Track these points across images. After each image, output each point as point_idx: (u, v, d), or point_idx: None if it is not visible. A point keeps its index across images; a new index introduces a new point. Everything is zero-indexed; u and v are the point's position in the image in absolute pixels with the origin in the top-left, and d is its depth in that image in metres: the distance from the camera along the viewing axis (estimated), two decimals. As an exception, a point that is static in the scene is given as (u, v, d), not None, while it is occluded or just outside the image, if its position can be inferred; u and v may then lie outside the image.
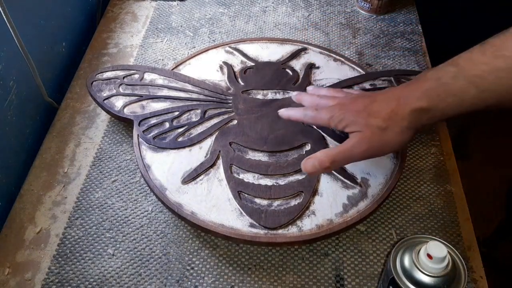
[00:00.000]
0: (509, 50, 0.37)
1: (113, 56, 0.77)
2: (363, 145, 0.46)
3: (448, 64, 0.42)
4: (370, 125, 0.45)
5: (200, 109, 0.63)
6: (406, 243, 0.42)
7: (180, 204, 0.53)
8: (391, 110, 0.45)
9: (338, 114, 0.48)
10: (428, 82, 0.43)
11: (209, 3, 0.87)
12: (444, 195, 0.59)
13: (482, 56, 0.39)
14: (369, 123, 0.45)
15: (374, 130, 0.45)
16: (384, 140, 0.45)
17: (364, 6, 0.84)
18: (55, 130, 0.67)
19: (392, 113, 0.45)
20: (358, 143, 0.46)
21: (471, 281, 0.52)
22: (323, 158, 0.47)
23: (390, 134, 0.45)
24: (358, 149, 0.46)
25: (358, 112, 0.46)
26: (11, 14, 0.58)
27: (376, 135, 0.45)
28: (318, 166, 0.47)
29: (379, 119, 0.45)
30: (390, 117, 0.44)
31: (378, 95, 0.48)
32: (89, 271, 0.52)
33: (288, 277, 0.52)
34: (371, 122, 0.45)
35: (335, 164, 0.47)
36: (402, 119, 0.44)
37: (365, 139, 0.46)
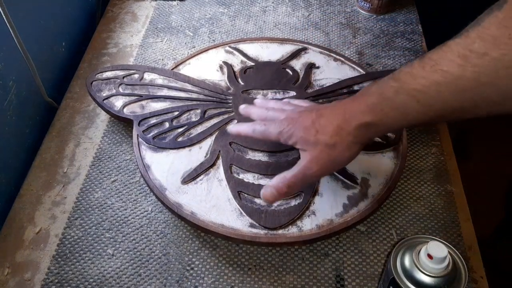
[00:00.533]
0: (446, 65, 0.38)
1: (113, 56, 0.77)
2: (314, 165, 0.46)
3: (390, 79, 0.42)
4: (318, 143, 0.46)
5: (200, 109, 0.63)
6: (406, 243, 0.42)
7: (180, 204, 0.53)
8: (337, 125, 0.45)
9: (287, 129, 0.48)
10: (371, 96, 0.44)
11: (209, 3, 0.87)
12: (445, 195, 0.59)
13: (421, 70, 0.39)
14: (317, 141, 0.46)
15: (322, 149, 0.46)
16: (333, 157, 0.46)
17: (364, 6, 0.84)
18: (55, 130, 0.67)
19: (338, 128, 0.45)
20: (309, 163, 0.46)
21: (472, 281, 0.52)
22: (279, 185, 0.48)
23: (338, 150, 0.45)
24: (310, 171, 0.47)
25: (306, 128, 0.47)
26: (11, 14, 0.58)
27: (325, 153, 0.46)
28: (276, 193, 0.48)
29: (326, 136, 0.45)
30: (336, 133, 0.45)
31: (325, 109, 0.48)
32: (89, 271, 0.52)
33: (288, 277, 0.52)
34: (319, 139, 0.46)
35: (292, 188, 0.48)
36: (348, 134, 0.45)
37: (315, 159, 0.46)
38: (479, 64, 0.35)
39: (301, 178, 0.47)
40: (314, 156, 0.46)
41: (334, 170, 0.52)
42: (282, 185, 0.48)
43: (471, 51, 0.36)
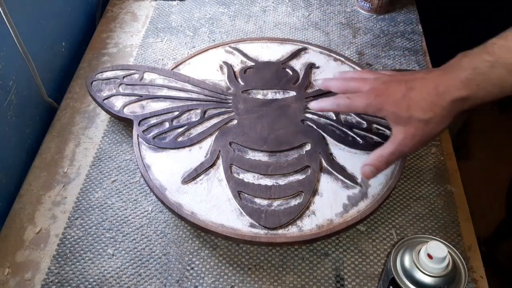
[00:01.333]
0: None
1: (112, 56, 0.77)
2: (409, 142, 0.47)
3: (482, 52, 0.42)
4: (413, 120, 0.46)
5: (200, 109, 0.63)
6: (406, 243, 0.42)
7: (180, 204, 0.53)
8: (431, 101, 0.45)
9: (375, 102, 0.48)
10: (464, 71, 0.43)
11: (209, 2, 0.87)
12: (445, 195, 0.59)
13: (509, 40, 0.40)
14: (411, 117, 0.46)
15: (417, 125, 0.46)
16: (427, 132, 0.46)
17: (364, 6, 0.84)
18: (55, 130, 0.67)
19: (432, 104, 0.45)
20: (405, 140, 0.47)
21: (472, 281, 0.52)
22: (378, 164, 0.49)
23: (431, 126, 0.46)
24: (406, 147, 0.47)
25: (397, 102, 0.47)
26: (11, 14, 0.58)
27: (420, 129, 0.46)
28: (376, 171, 0.49)
29: (420, 112, 0.45)
30: (430, 108, 0.45)
31: (414, 81, 0.47)
32: (89, 271, 0.52)
33: (288, 277, 0.52)
34: (413, 115, 0.46)
35: (389, 165, 0.49)
36: (442, 109, 0.45)
37: (410, 135, 0.47)
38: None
39: (398, 154, 0.48)
40: (409, 133, 0.46)
41: (427, 143, 0.52)
42: (380, 164, 0.49)
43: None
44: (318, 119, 0.62)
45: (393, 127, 0.48)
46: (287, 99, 0.64)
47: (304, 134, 0.60)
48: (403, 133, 0.47)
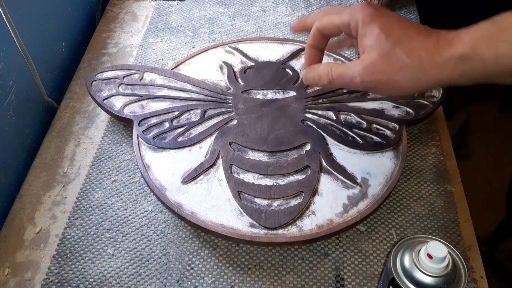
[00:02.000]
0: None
1: (112, 56, 0.77)
2: (368, 71, 0.39)
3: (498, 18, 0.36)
4: (392, 53, 0.38)
5: (200, 109, 0.63)
6: (406, 243, 0.42)
7: (180, 204, 0.53)
8: (425, 46, 0.37)
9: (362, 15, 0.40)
10: (480, 25, 0.36)
11: (209, 2, 0.87)
12: (444, 195, 0.59)
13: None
14: (392, 50, 0.38)
15: (392, 60, 0.38)
16: (397, 74, 0.38)
17: (364, 6, 0.84)
18: (55, 130, 0.67)
19: (424, 51, 0.37)
20: (365, 69, 0.39)
21: (472, 281, 0.52)
22: (323, 76, 0.43)
23: (407, 73, 0.37)
24: (361, 78, 0.39)
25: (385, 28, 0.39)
26: (11, 14, 0.58)
27: (391, 66, 0.38)
28: (318, 81, 0.44)
29: (403, 53, 0.37)
30: (420, 54, 0.37)
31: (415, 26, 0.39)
32: (89, 271, 0.52)
33: (288, 277, 0.52)
34: (396, 51, 0.38)
35: (332, 84, 0.43)
36: (433, 64, 0.37)
37: (375, 64, 0.38)
38: None
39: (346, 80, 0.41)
40: (376, 64, 0.38)
41: (385, 93, 0.42)
42: (325, 77, 0.43)
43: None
44: (318, 119, 0.62)
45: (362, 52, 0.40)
46: (287, 99, 0.64)
47: (304, 134, 0.60)
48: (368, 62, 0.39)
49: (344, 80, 0.42)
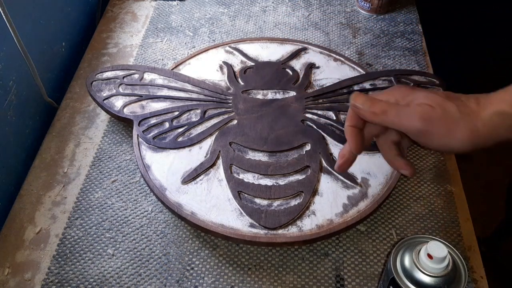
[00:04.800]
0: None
1: (112, 56, 0.77)
2: (428, 117, 0.38)
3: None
4: (444, 105, 0.38)
5: (200, 109, 0.63)
6: (406, 243, 0.42)
7: (180, 204, 0.53)
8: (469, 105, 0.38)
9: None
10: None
11: (209, 2, 0.87)
12: (444, 195, 0.59)
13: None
14: (444, 103, 0.38)
15: (447, 111, 0.38)
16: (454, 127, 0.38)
17: (364, 6, 0.84)
18: (55, 130, 0.67)
19: (469, 108, 0.38)
20: (423, 111, 0.38)
21: (472, 281, 0.52)
22: (375, 103, 0.40)
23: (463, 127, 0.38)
24: (417, 117, 0.38)
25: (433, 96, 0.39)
26: (11, 14, 0.58)
27: (447, 118, 0.38)
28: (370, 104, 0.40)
29: (455, 106, 0.38)
30: (467, 112, 0.38)
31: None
32: (89, 271, 0.52)
33: (288, 277, 0.52)
34: (447, 104, 0.38)
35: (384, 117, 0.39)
36: (480, 120, 0.37)
37: (433, 112, 0.38)
38: None
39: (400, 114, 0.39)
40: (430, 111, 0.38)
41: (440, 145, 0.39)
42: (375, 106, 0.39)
43: None
44: (318, 119, 0.62)
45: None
46: (287, 99, 0.64)
47: (304, 134, 0.60)
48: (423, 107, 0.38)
49: (402, 115, 0.39)
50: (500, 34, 1.16)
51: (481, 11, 1.15)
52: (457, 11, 1.15)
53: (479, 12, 1.15)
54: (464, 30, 1.21)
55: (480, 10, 1.15)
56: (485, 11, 1.15)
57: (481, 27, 1.19)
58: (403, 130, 0.39)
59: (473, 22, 1.18)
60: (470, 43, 1.20)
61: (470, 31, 1.21)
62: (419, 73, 0.68)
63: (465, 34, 1.21)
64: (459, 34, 1.21)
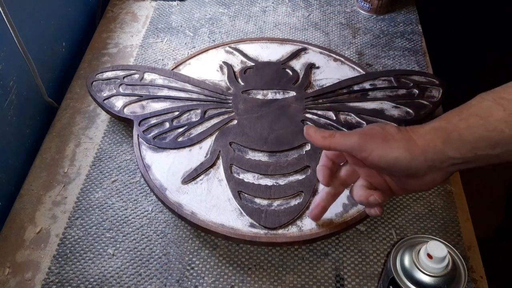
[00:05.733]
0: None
1: (113, 56, 0.77)
2: (366, 132, 0.43)
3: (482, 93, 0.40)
4: (385, 126, 0.43)
5: (200, 109, 0.63)
6: (406, 243, 0.42)
7: (180, 204, 0.53)
8: (411, 126, 0.42)
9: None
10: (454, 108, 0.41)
11: (209, 3, 0.87)
12: (444, 195, 0.59)
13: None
14: (385, 125, 0.43)
15: (386, 128, 0.42)
16: (389, 140, 0.41)
17: (364, 6, 0.84)
18: (55, 130, 0.67)
19: (410, 127, 0.42)
20: (363, 129, 0.43)
21: (471, 281, 0.52)
22: (326, 135, 0.44)
23: (398, 139, 0.41)
24: (357, 134, 0.43)
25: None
26: (11, 14, 0.58)
27: (384, 132, 0.42)
28: (319, 132, 0.45)
29: (394, 126, 0.43)
30: (406, 129, 0.42)
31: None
32: (89, 271, 0.52)
33: (288, 277, 0.52)
34: (388, 125, 0.43)
35: (332, 138, 0.44)
36: (417, 134, 0.41)
37: (372, 129, 0.43)
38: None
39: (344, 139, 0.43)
40: (372, 131, 0.42)
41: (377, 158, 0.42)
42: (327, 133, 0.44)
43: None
44: (318, 119, 0.62)
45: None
46: (287, 99, 0.64)
47: (304, 134, 0.60)
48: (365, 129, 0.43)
49: (345, 136, 0.44)
50: (500, 34, 1.16)
51: (481, 11, 1.15)
52: (457, 11, 1.15)
53: (479, 12, 1.15)
54: (464, 30, 1.21)
55: (480, 10, 1.15)
56: (485, 11, 1.15)
57: (481, 27, 1.19)
58: (348, 148, 0.43)
59: (473, 22, 1.18)
60: (470, 43, 1.21)
61: (470, 31, 1.21)
62: (419, 73, 0.68)
63: (465, 34, 1.21)
64: (459, 34, 1.21)
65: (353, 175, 0.47)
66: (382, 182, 0.45)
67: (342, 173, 0.48)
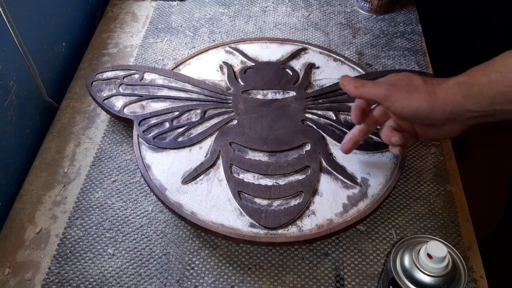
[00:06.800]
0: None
1: (113, 56, 0.77)
2: (392, 83, 0.47)
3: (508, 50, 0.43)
4: (412, 76, 0.46)
5: (200, 109, 0.63)
6: (406, 243, 0.42)
7: (180, 204, 0.53)
8: (437, 79, 0.46)
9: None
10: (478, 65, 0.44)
11: (209, 3, 0.87)
12: (444, 195, 0.59)
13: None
14: (412, 75, 0.47)
15: (412, 80, 0.46)
16: (414, 91, 0.45)
17: (364, 6, 0.84)
18: (55, 130, 0.67)
19: (435, 80, 0.45)
20: (391, 80, 0.47)
21: (471, 281, 0.52)
22: (358, 83, 0.50)
23: (422, 91, 0.45)
24: (384, 84, 0.47)
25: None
26: (11, 14, 0.58)
27: (410, 84, 0.46)
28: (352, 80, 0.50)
29: (421, 78, 0.46)
30: (432, 82, 0.45)
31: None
32: (89, 271, 0.52)
33: (288, 277, 0.52)
34: (415, 76, 0.46)
35: (363, 87, 0.49)
36: (441, 87, 0.44)
37: (399, 81, 0.46)
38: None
39: (374, 85, 0.48)
40: (399, 79, 0.47)
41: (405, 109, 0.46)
42: (356, 82, 0.50)
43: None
44: (318, 119, 0.62)
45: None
46: (287, 99, 0.64)
47: (304, 134, 0.60)
48: (392, 77, 0.48)
49: (374, 86, 0.48)
50: (500, 34, 1.16)
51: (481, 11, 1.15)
52: (457, 11, 1.15)
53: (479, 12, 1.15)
54: (464, 30, 1.21)
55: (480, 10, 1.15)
56: (485, 11, 1.15)
57: (481, 27, 1.19)
58: (375, 98, 0.48)
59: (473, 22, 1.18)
60: (470, 43, 1.21)
61: (470, 31, 1.21)
62: (419, 73, 0.68)
63: (465, 34, 1.21)
64: (459, 34, 1.21)
65: (385, 115, 0.52)
66: (409, 125, 0.50)
67: (375, 112, 0.52)
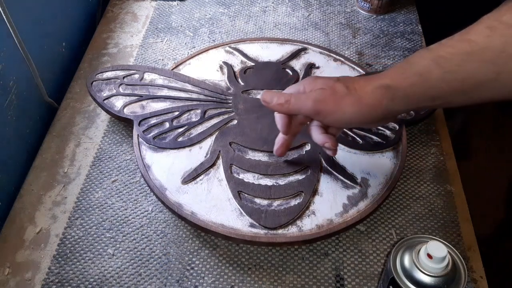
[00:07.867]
0: (474, 35, 0.39)
1: (113, 56, 0.77)
2: (318, 98, 0.46)
3: (422, 49, 0.44)
4: (334, 86, 0.46)
5: (200, 109, 0.63)
6: (406, 243, 0.42)
7: (180, 204, 0.53)
8: (358, 82, 0.46)
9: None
10: (396, 65, 0.45)
11: (209, 3, 0.87)
12: (444, 195, 0.59)
13: (450, 40, 0.41)
14: (334, 85, 0.46)
15: (336, 90, 0.45)
16: (341, 102, 0.45)
17: (364, 6, 0.84)
18: (55, 130, 0.67)
19: (357, 85, 0.45)
20: (315, 94, 0.46)
21: (471, 281, 0.52)
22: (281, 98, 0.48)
23: (348, 100, 0.45)
24: (311, 100, 0.46)
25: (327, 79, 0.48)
26: (11, 14, 0.58)
27: (335, 95, 0.45)
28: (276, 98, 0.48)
29: (343, 85, 0.46)
30: (354, 87, 0.45)
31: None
32: (89, 271, 0.52)
33: (288, 277, 0.52)
34: (337, 84, 0.46)
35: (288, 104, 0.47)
36: (365, 93, 0.44)
37: (324, 93, 0.46)
38: (507, 34, 0.36)
39: (300, 101, 0.47)
40: (324, 92, 0.46)
41: (333, 119, 0.47)
42: (281, 96, 0.48)
43: (500, 22, 0.37)
44: (318, 119, 0.62)
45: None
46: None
47: (304, 134, 0.60)
48: (318, 91, 0.46)
49: (300, 101, 0.47)
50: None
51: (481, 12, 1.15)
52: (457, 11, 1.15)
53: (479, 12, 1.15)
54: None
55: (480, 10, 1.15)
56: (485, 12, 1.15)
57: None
58: (303, 113, 0.48)
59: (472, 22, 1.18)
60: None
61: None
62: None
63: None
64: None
65: (308, 117, 0.51)
66: None
67: (299, 116, 0.52)
